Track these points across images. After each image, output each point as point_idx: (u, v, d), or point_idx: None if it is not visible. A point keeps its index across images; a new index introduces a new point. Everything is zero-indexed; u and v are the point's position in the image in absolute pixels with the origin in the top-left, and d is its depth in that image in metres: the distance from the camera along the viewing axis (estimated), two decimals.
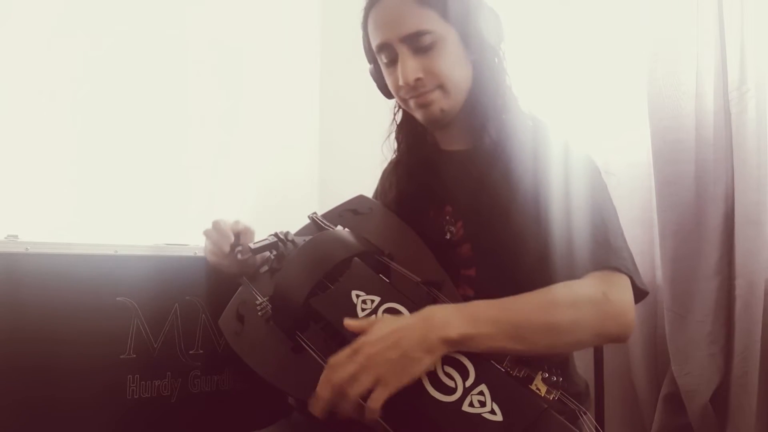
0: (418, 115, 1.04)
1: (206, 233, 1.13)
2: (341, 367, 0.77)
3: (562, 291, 0.87)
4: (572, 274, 0.90)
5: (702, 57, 1.37)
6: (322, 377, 0.78)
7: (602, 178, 1.02)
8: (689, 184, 1.37)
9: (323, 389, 0.77)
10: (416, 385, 0.77)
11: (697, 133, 1.37)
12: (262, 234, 1.16)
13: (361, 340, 0.79)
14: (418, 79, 0.98)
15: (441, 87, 0.99)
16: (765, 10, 1.30)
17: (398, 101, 1.08)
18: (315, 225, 1.15)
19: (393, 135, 1.15)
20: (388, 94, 1.09)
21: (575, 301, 0.86)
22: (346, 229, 1.08)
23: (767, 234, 1.29)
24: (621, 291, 0.89)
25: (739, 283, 1.31)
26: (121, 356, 1.18)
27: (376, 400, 0.74)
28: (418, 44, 0.97)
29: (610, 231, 0.94)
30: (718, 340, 1.34)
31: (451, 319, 0.80)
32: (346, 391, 0.75)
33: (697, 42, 1.37)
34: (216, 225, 1.12)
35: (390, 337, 0.77)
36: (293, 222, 1.22)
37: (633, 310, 0.89)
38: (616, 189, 1.49)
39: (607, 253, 0.91)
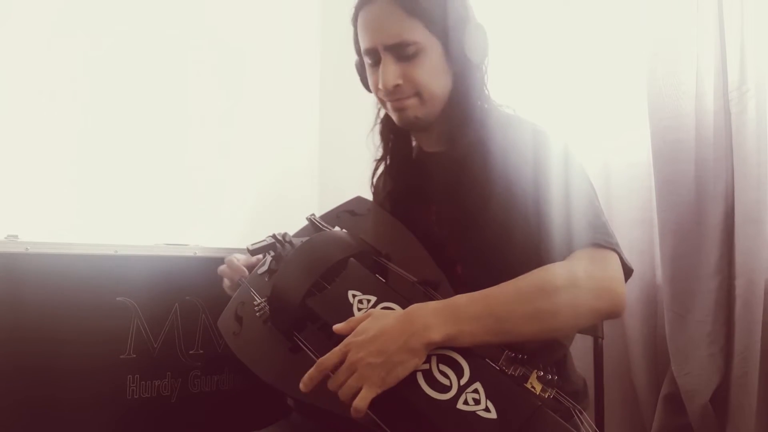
0: (394, 117, 1.06)
1: (221, 271, 1.19)
2: (330, 373, 0.78)
3: (545, 276, 0.87)
4: (560, 259, 0.90)
5: (702, 57, 1.37)
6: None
7: (578, 160, 1.01)
8: (689, 184, 1.37)
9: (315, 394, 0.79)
10: (411, 383, 0.78)
11: (697, 133, 1.36)
12: (261, 234, 1.16)
13: (347, 341, 0.80)
14: (396, 86, 1.00)
15: (418, 95, 1.01)
16: (765, 10, 1.29)
17: (377, 100, 1.09)
18: (313, 226, 1.16)
19: (378, 133, 1.16)
20: (369, 88, 1.10)
21: (560, 285, 0.85)
22: (344, 230, 1.08)
23: (767, 233, 1.29)
24: (607, 266, 0.88)
25: (739, 283, 1.30)
26: (121, 356, 1.19)
27: (362, 400, 0.76)
28: (402, 53, 0.98)
29: (590, 209, 0.94)
30: (718, 340, 1.33)
31: (432, 320, 0.81)
32: (336, 394, 0.78)
33: (697, 42, 1.37)
34: (229, 263, 1.18)
35: (374, 342, 0.78)
36: (293, 222, 1.22)
37: (622, 284, 0.88)
38: (616, 189, 1.51)
39: (590, 231, 0.91)
